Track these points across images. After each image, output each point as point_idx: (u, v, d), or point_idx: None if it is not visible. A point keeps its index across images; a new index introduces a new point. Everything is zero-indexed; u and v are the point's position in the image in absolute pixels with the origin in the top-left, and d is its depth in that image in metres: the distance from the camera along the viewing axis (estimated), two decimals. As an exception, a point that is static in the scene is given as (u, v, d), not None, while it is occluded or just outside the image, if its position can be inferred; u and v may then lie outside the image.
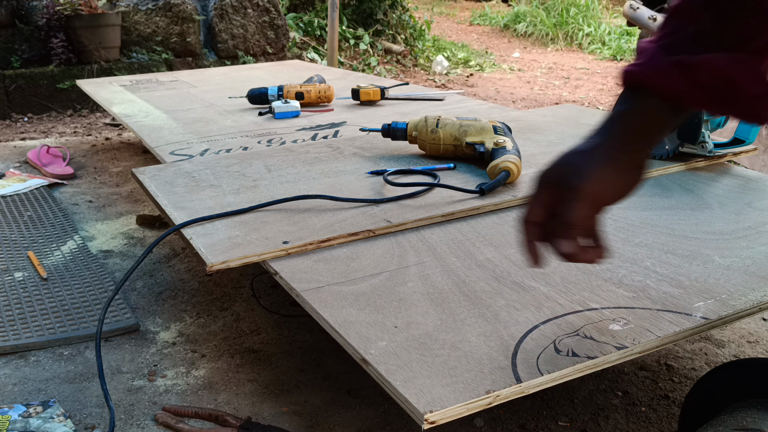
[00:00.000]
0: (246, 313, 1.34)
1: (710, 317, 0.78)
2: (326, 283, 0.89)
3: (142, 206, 1.94)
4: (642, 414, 1.05)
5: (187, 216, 1.10)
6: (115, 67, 3.31)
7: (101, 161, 2.43)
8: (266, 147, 1.53)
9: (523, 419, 1.02)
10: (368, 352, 0.73)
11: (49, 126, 3.05)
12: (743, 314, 0.80)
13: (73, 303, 1.32)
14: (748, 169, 1.33)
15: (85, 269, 1.47)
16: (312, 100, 1.94)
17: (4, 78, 3.14)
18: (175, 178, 1.30)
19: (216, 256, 0.96)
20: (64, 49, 3.20)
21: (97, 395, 1.07)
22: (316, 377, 1.12)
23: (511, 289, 0.86)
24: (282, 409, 1.04)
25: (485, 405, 0.65)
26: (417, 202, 1.14)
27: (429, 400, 0.64)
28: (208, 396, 1.08)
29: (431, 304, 0.83)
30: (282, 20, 3.94)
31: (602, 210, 0.65)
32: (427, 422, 0.62)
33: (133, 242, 1.69)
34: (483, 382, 0.67)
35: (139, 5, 3.52)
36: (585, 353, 0.71)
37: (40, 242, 1.63)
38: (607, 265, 0.92)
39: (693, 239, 1.00)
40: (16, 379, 1.12)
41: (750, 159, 1.98)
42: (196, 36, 3.62)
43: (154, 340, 1.24)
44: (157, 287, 1.45)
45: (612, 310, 0.80)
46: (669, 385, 1.12)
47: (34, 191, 2.02)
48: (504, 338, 0.75)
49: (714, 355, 1.21)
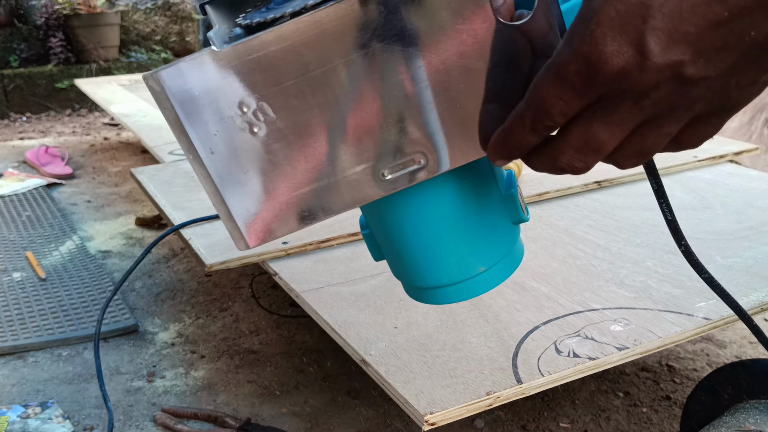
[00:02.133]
0: (245, 314, 1.33)
1: (712, 318, 0.77)
2: (326, 283, 0.89)
3: (141, 206, 1.94)
4: (643, 415, 1.04)
5: (186, 216, 1.09)
6: (113, 66, 3.31)
7: (100, 161, 2.43)
8: (265, 147, 1.52)
9: (524, 420, 1.02)
10: (368, 353, 0.72)
11: (48, 126, 3.04)
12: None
13: (71, 303, 1.32)
14: (749, 169, 1.33)
15: (84, 269, 1.47)
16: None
17: (2, 77, 3.14)
18: (174, 178, 1.30)
19: (215, 256, 0.95)
20: (63, 48, 3.20)
21: (96, 396, 1.06)
22: (316, 378, 1.12)
23: (512, 290, 0.85)
24: (281, 410, 1.04)
25: (486, 406, 0.65)
26: (417, 202, 1.13)
27: (429, 401, 0.64)
28: (207, 397, 1.07)
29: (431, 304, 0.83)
30: (281, 20, 3.94)
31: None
32: (428, 423, 0.62)
33: (131, 242, 1.68)
34: (483, 383, 0.67)
35: (138, 4, 3.51)
36: (586, 354, 0.71)
37: (38, 242, 1.62)
38: (608, 266, 0.91)
39: (694, 239, 0.99)
40: (15, 379, 1.11)
41: (752, 159, 1.98)
42: (196, 35, 3.61)
43: (153, 341, 1.23)
44: (156, 288, 1.44)
45: (613, 311, 0.80)
46: (670, 386, 1.11)
47: (32, 191, 2.02)
48: (504, 339, 0.74)
49: (716, 355, 1.20)
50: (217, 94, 0.35)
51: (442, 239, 0.45)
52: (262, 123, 0.36)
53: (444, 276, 0.47)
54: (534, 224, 1.06)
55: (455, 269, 0.46)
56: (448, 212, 0.44)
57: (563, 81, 0.32)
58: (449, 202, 0.44)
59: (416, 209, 0.44)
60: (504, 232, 0.47)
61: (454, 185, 0.44)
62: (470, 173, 0.44)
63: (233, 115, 0.35)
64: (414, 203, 0.44)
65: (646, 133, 0.34)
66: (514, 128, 0.35)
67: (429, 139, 0.38)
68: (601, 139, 0.34)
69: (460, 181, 0.44)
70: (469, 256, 0.46)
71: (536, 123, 0.34)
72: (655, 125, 0.33)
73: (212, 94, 0.35)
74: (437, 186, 0.43)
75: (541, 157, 0.36)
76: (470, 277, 0.46)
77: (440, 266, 0.46)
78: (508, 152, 0.37)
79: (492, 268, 0.47)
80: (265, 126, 0.36)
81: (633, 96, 0.32)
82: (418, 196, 0.44)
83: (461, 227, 0.45)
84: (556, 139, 0.35)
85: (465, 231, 0.45)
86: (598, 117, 0.33)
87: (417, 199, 0.44)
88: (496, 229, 0.46)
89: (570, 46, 0.32)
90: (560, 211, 1.11)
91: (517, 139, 0.36)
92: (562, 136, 0.35)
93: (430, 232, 0.45)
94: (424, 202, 0.44)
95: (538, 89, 0.33)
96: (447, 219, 0.45)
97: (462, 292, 0.47)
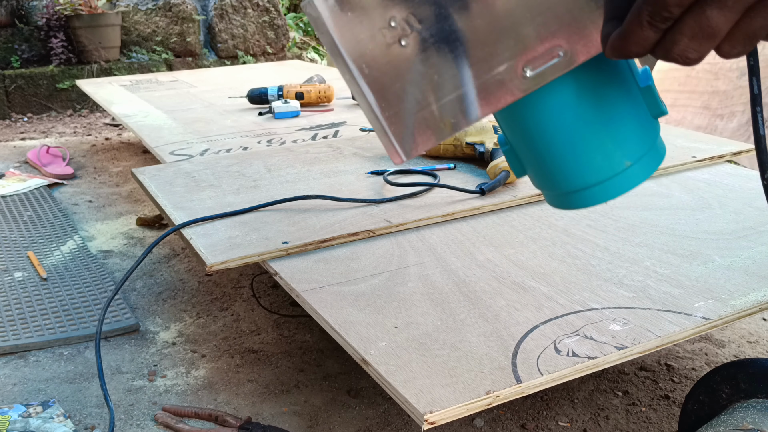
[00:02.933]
0: (246, 313, 1.34)
1: (710, 317, 0.78)
2: (326, 283, 0.89)
3: (142, 206, 1.94)
4: (642, 414, 1.04)
5: (187, 216, 1.10)
6: (114, 67, 3.31)
7: (101, 161, 2.43)
8: (266, 147, 1.53)
9: (524, 419, 1.02)
10: (368, 352, 0.73)
11: (49, 126, 3.05)
12: (743, 314, 0.80)
13: (72, 303, 1.32)
14: (748, 169, 1.33)
15: (85, 269, 1.47)
16: (312, 100, 1.94)
17: (3, 78, 3.14)
18: (175, 178, 1.30)
19: (216, 256, 0.96)
20: (64, 49, 3.20)
21: (97, 395, 1.07)
22: (316, 377, 1.12)
23: (511, 289, 0.86)
24: (282, 410, 1.04)
25: (485, 405, 0.65)
26: (417, 202, 1.14)
27: (429, 400, 0.64)
28: (208, 396, 1.07)
29: (431, 304, 0.83)
30: (282, 20, 3.94)
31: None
32: (427, 422, 0.62)
33: (132, 242, 1.69)
34: (483, 383, 0.67)
35: (139, 5, 3.51)
36: (585, 353, 0.71)
37: (39, 242, 1.63)
38: (607, 265, 0.91)
39: (693, 239, 1.00)
40: (16, 379, 1.12)
41: (750, 159, 1.98)
42: (196, 36, 3.61)
43: (154, 340, 1.24)
44: (157, 287, 1.45)
45: (612, 310, 0.80)
46: (669, 385, 1.12)
47: (33, 191, 2.02)
48: (504, 338, 0.75)
49: (714, 355, 1.21)
50: (367, 12, 0.38)
51: (586, 135, 0.46)
52: (409, 34, 0.38)
53: (591, 174, 0.47)
54: (533, 224, 1.06)
55: (601, 165, 0.46)
56: (589, 106, 0.45)
57: None
58: (589, 96, 0.45)
59: (558, 106, 0.45)
60: (645, 126, 0.47)
61: (592, 79, 0.45)
62: (607, 67, 0.45)
63: (383, 30, 0.38)
64: (556, 100, 0.45)
65: (755, 15, 0.36)
66: (632, 25, 0.37)
67: (567, 29, 0.40)
68: (714, 23, 0.36)
69: (598, 75, 0.45)
70: (615, 150, 0.46)
71: (654, 16, 0.36)
72: (763, 6, 0.36)
73: (362, 12, 0.38)
74: (576, 80, 0.44)
75: (656, 52, 0.38)
76: (617, 173, 0.46)
77: (586, 164, 0.46)
78: (627, 49, 0.38)
79: (637, 163, 0.47)
80: (413, 37, 0.38)
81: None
82: (559, 93, 0.44)
83: (603, 121, 0.45)
84: (670, 31, 0.37)
85: (607, 124, 0.46)
86: (709, 3, 0.35)
87: (558, 95, 0.44)
88: (637, 122, 0.46)
89: None
90: (559, 211, 1.11)
91: (636, 35, 0.38)
92: (677, 26, 0.37)
93: (573, 128, 0.45)
94: (565, 97, 0.45)
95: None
96: (588, 113, 0.45)
97: (609, 191, 0.47)
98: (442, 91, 0.40)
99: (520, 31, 0.39)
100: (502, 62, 0.40)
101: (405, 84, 0.39)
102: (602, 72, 0.45)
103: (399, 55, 0.38)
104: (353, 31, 0.37)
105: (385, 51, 0.38)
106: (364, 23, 0.37)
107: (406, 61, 0.38)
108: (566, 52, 0.40)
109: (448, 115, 0.41)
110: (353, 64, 0.38)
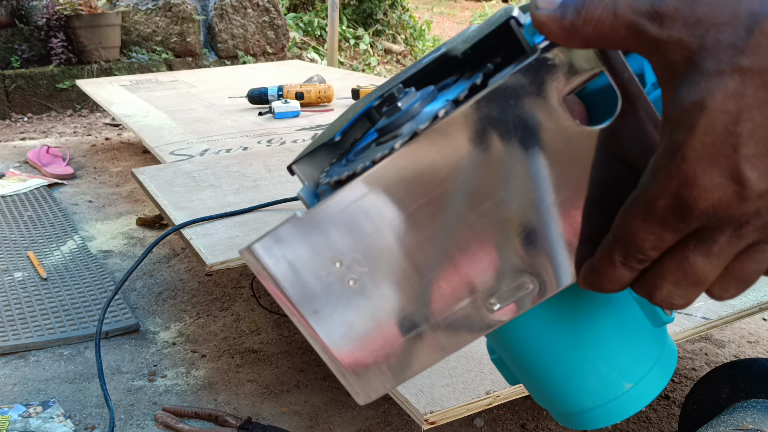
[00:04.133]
0: (246, 313, 1.34)
1: (710, 317, 0.78)
2: (326, 283, 0.89)
3: (142, 206, 1.94)
4: (642, 414, 1.04)
5: (187, 216, 1.10)
6: (114, 67, 3.31)
7: (101, 161, 2.43)
8: (266, 147, 1.53)
9: (523, 419, 1.02)
10: (368, 352, 0.73)
11: (49, 126, 3.05)
12: (743, 314, 0.80)
13: (72, 303, 1.32)
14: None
15: (85, 269, 1.47)
16: (312, 100, 1.94)
17: (3, 78, 3.14)
18: (175, 178, 1.30)
19: (216, 256, 0.96)
20: (64, 49, 3.20)
21: (97, 395, 1.07)
22: (316, 377, 1.12)
23: (511, 289, 0.86)
24: (282, 409, 1.04)
25: (485, 405, 0.65)
26: (417, 202, 1.13)
27: (429, 400, 0.64)
28: (208, 396, 1.07)
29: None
30: (282, 20, 3.94)
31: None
32: (427, 422, 0.62)
33: (132, 242, 1.69)
34: (483, 383, 0.67)
35: (139, 5, 3.52)
36: (585, 353, 0.71)
37: (39, 242, 1.63)
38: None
39: (693, 239, 1.00)
40: (16, 379, 1.12)
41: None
42: (196, 36, 3.62)
43: (154, 340, 1.24)
44: (157, 287, 1.45)
45: (612, 310, 0.80)
46: (669, 385, 1.12)
47: (33, 191, 2.02)
48: (504, 338, 0.75)
49: (714, 355, 1.21)
50: (310, 255, 0.35)
51: (574, 360, 0.41)
52: (357, 275, 0.35)
53: (586, 399, 0.42)
54: (533, 224, 1.06)
55: (597, 390, 0.41)
56: (574, 330, 0.40)
57: (653, 217, 0.30)
58: (573, 319, 0.40)
59: (537, 332, 0.40)
60: (645, 340, 0.41)
61: (574, 301, 0.40)
62: None
63: (329, 272, 0.35)
64: (534, 326, 0.40)
65: (747, 260, 0.31)
66: (603, 264, 0.33)
67: (542, 258, 0.35)
68: (699, 271, 0.31)
69: (580, 296, 0.40)
70: (610, 373, 0.41)
71: (627, 258, 0.32)
72: (755, 250, 0.31)
73: (305, 256, 0.35)
74: (556, 305, 0.39)
75: (636, 290, 0.34)
76: (617, 396, 0.41)
77: (580, 388, 0.41)
78: (600, 287, 0.34)
79: (640, 382, 0.41)
80: (361, 277, 0.35)
81: (732, 226, 0.30)
82: (537, 318, 0.39)
83: (591, 343, 0.40)
84: (650, 273, 0.32)
85: (597, 346, 0.40)
86: (693, 249, 0.31)
87: (536, 321, 0.40)
88: (634, 340, 0.41)
89: (656, 180, 0.30)
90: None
91: (608, 274, 0.33)
92: (657, 270, 0.32)
93: (556, 353, 0.41)
94: (544, 323, 0.40)
95: (626, 224, 0.31)
96: (572, 338, 0.40)
97: (612, 414, 0.41)
98: (399, 331, 0.36)
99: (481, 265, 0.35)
100: (462, 298, 0.36)
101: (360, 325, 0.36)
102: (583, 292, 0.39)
103: (350, 296, 0.35)
104: (298, 274, 0.35)
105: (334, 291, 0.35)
106: (308, 266, 0.35)
107: (358, 302, 0.36)
108: (538, 282, 0.35)
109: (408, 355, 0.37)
110: (303, 308, 0.35)
